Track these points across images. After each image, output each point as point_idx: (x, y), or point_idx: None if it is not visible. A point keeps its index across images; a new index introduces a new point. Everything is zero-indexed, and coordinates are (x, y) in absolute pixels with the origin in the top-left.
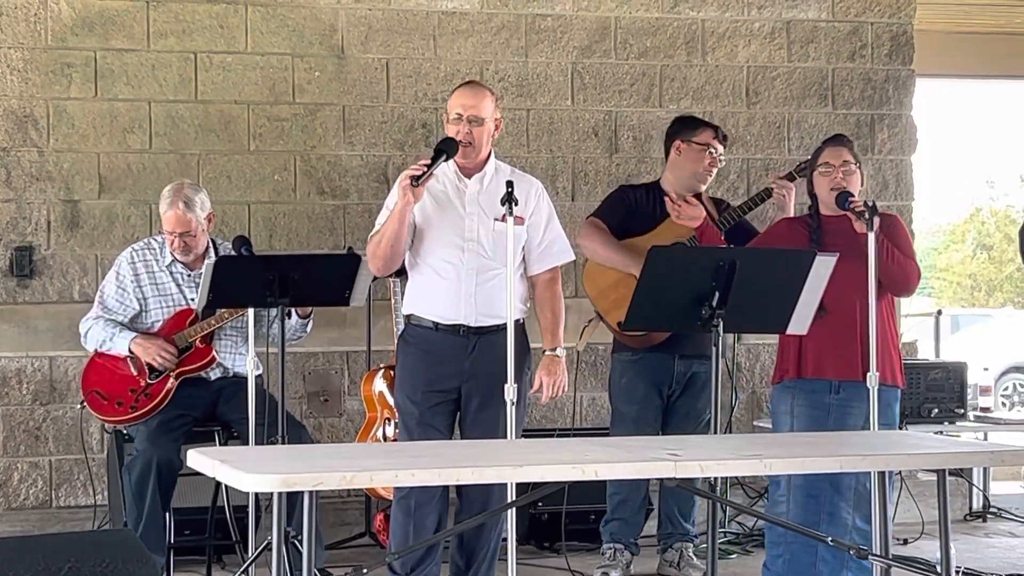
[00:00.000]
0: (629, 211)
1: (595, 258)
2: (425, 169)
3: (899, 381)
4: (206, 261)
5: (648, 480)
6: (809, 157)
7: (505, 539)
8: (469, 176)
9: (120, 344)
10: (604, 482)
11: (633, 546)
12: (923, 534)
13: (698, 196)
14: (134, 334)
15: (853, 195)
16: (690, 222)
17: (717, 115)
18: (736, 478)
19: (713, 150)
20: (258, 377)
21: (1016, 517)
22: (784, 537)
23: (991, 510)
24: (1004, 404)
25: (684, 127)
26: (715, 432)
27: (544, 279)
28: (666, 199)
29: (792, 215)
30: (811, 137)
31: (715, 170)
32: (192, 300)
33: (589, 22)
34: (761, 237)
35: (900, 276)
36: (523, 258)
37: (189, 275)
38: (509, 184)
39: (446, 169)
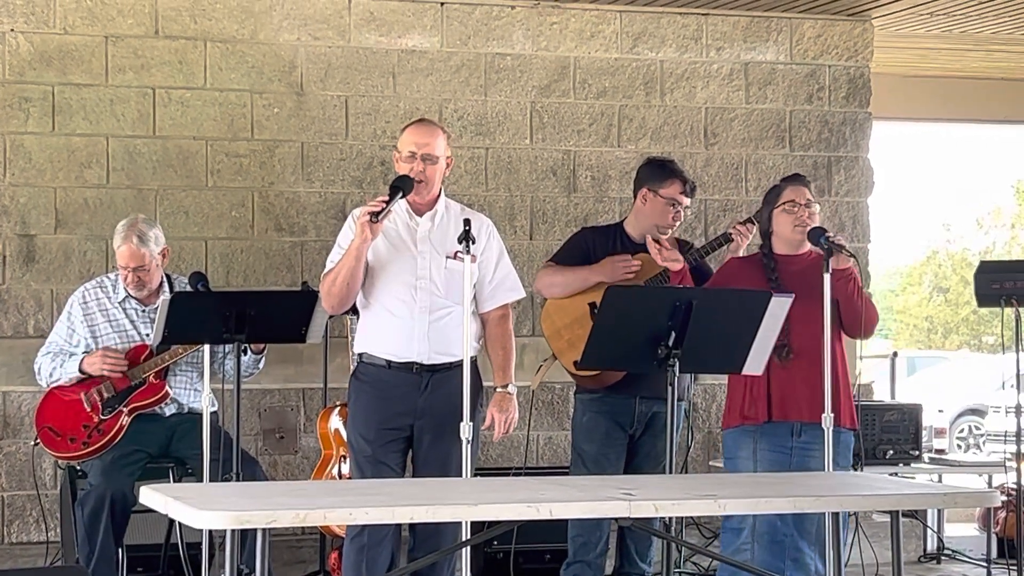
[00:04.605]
0: (587, 254)
1: (553, 289)
2: (384, 205)
3: (856, 423)
4: (162, 297)
5: (609, 522)
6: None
7: None
8: (420, 214)
9: (71, 367)
10: (560, 521)
11: None
12: (877, 575)
13: None
14: (82, 355)
15: (827, 230)
16: (672, 264)
17: (675, 155)
18: (691, 518)
19: (678, 204)
20: (213, 413)
21: (970, 559)
22: None
23: (945, 552)
24: (959, 446)
25: (653, 175)
26: (670, 472)
27: (495, 316)
28: (647, 239)
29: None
30: (768, 179)
31: (678, 223)
32: (147, 336)
33: (548, 62)
34: (715, 277)
35: (868, 317)
36: (474, 296)
37: (143, 311)
38: (466, 223)
39: (397, 208)
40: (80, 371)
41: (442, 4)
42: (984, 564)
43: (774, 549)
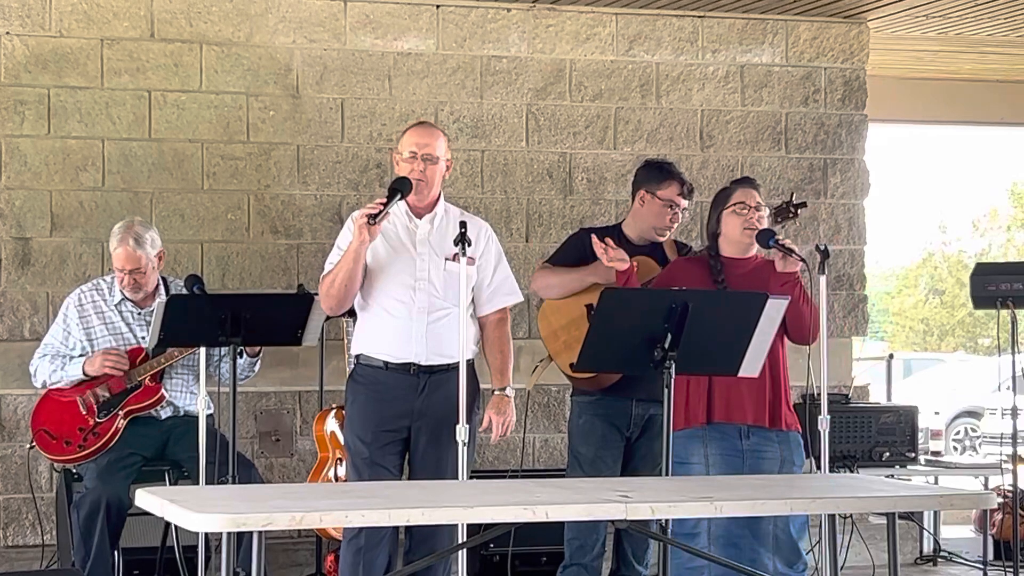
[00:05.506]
0: (585, 255)
1: (550, 291)
2: (381, 207)
3: (798, 425)
4: (157, 299)
5: (606, 525)
6: (781, 203)
7: None
8: (420, 216)
9: (73, 370)
10: (556, 523)
11: None
12: None
13: None
14: (84, 358)
15: (776, 232)
16: (618, 264)
17: (671, 158)
18: None
19: (676, 206)
20: (209, 416)
21: (966, 561)
22: None
23: (941, 554)
24: (955, 448)
25: (651, 177)
26: (667, 474)
27: (493, 320)
28: (592, 237)
29: None
30: (765, 181)
31: (676, 225)
32: (142, 338)
33: (544, 64)
34: (660, 277)
35: (814, 322)
36: (472, 299)
37: (139, 313)
38: (463, 225)
39: (397, 210)
40: (84, 374)
41: (438, 7)
42: (980, 566)
43: (731, 553)
